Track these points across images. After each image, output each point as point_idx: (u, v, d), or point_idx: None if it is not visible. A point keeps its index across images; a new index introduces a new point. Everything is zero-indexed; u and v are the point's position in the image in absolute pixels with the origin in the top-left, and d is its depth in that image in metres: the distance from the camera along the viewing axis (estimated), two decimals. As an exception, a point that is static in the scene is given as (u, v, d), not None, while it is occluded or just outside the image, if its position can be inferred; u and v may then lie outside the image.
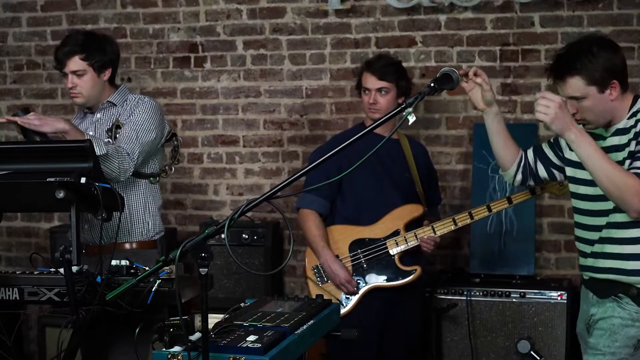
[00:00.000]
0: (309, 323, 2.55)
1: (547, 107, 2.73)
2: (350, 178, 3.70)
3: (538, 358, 4.15)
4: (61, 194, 2.72)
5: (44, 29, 5.36)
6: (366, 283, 3.95)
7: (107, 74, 3.58)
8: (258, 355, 2.19)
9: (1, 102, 5.46)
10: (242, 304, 2.78)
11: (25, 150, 3.02)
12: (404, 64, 4.18)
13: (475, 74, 3.02)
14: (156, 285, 2.67)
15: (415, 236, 3.93)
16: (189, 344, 2.23)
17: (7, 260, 5.51)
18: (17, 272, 2.92)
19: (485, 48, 4.76)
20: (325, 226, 4.04)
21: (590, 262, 3.00)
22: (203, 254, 2.20)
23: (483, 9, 4.74)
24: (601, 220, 2.95)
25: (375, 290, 3.95)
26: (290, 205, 4.76)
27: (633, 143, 2.85)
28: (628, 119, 2.89)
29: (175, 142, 3.68)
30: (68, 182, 2.72)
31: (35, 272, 2.89)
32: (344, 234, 4.00)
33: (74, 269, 2.65)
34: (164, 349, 2.25)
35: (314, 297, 2.91)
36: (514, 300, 4.26)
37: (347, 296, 3.93)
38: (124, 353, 3.15)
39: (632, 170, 2.79)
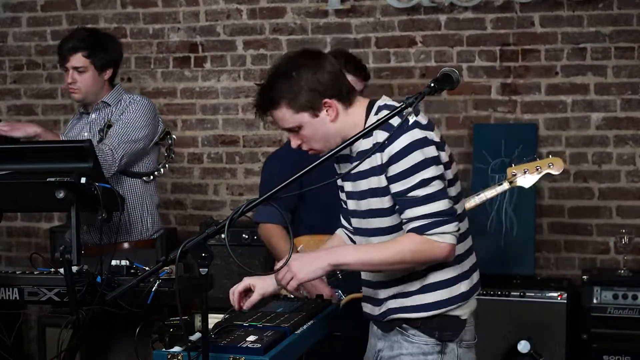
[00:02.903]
0: (309, 323, 2.55)
1: (285, 277, 2.48)
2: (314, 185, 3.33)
3: (538, 358, 4.14)
4: (61, 194, 2.73)
5: (44, 29, 5.35)
6: (345, 294, 3.73)
7: (108, 73, 3.59)
8: (258, 355, 2.19)
9: (1, 102, 5.45)
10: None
11: (25, 150, 3.03)
12: (404, 64, 4.15)
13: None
14: (156, 285, 2.68)
15: None
16: (189, 344, 2.23)
17: (7, 260, 5.50)
18: (17, 272, 2.92)
19: (485, 48, 4.76)
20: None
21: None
22: (203, 254, 2.20)
23: (483, 9, 4.74)
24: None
25: (359, 300, 3.77)
26: (290, 205, 4.75)
27: (382, 179, 2.46)
28: (365, 137, 2.44)
29: (170, 141, 3.68)
30: (68, 182, 2.73)
31: (35, 272, 2.89)
32: (313, 245, 3.52)
33: (74, 269, 2.65)
34: (164, 349, 2.25)
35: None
36: (513, 300, 4.26)
37: None
38: (124, 353, 3.15)
39: (406, 227, 2.44)
